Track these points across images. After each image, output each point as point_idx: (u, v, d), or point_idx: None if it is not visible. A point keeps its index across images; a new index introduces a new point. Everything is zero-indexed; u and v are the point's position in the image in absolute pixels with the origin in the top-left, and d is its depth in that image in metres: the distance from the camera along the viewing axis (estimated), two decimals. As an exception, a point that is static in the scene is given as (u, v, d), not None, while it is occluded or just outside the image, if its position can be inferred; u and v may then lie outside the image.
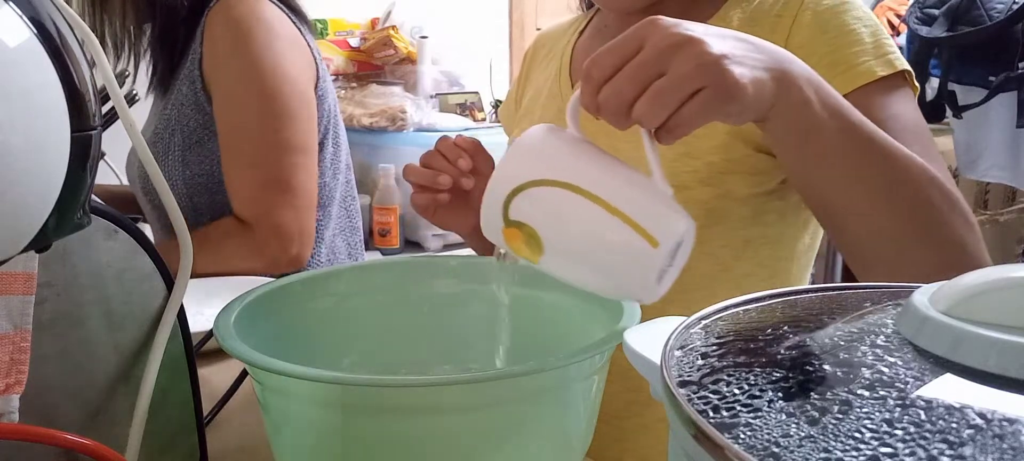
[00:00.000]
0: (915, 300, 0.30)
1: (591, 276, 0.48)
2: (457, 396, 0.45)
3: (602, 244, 0.46)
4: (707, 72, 0.47)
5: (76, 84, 0.35)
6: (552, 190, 0.46)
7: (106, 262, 0.48)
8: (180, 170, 1.13)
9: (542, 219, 0.47)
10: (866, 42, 0.71)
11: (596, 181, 0.46)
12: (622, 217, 0.45)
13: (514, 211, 0.47)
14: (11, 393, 0.42)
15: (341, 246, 1.28)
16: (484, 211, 0.48)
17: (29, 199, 0.34)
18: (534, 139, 0.48)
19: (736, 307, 0.37)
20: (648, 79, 0.47)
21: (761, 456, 0.23)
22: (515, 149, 0.48)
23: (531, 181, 0.46)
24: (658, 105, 0.47)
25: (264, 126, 1.09)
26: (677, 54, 0.47)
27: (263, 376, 0.48)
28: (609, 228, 0.45)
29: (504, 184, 0.47)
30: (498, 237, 0.49)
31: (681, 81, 0.47)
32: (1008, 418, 0.23)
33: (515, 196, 0.46)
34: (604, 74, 0.48)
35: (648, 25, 0.49)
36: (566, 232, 0.47)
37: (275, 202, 1.09)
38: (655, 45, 0.47)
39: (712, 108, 0.49)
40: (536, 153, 0.48)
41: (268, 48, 1.09)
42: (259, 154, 1.09)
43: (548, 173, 0.46)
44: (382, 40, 2.20)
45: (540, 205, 0.46)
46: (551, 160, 0.47)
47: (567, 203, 0.46)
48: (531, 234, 0.47)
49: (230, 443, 0.64)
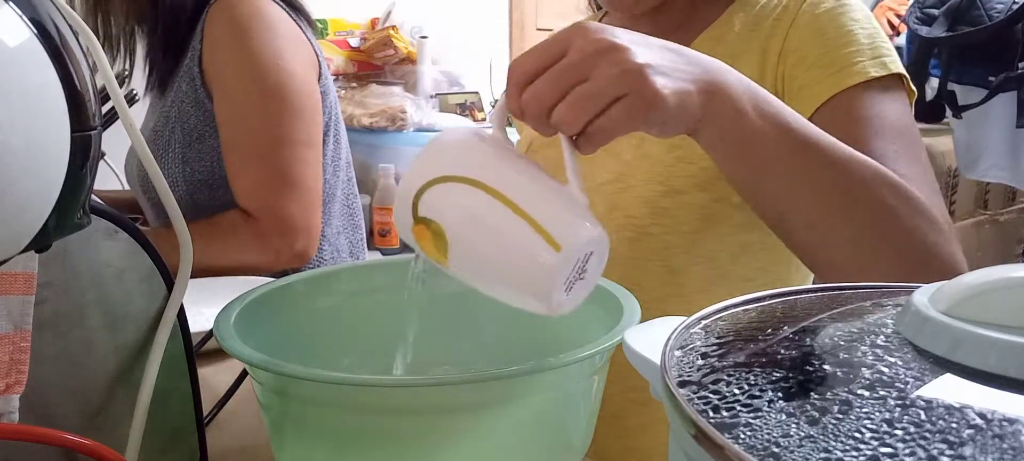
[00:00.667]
0: (915, 300, 0.30)
1: (495, 280, 0.47)
2: (457, 396, 0.45)
3: (504, 244, 0.45)
4: (628, 80, 0.47)
5: (76, 84, 0.35)
6: (459, 186, 0.45)
7: (106, 262, 0.48)
8: (180, 168, 1.13)
9: (448, 216, 0.46)
10: (862, 44, 0.71)
11: (504, 181, 0.45)
12: (526, 218, 0.44)
13: (422, 207, 0.46)
14: (11, 393, 0.42)
15: (344, 244, 1.28)
16: (396, 206, 0.48)
17: (29, 199, 0.34)
18: (451, 137, 0.48)
19: (736, 307, 0.37)
20: (569, 84, 0.47)
21: (761, 456, 0.23)
22: (430, 145, 0.47)
23: (440, 177, 0.45)
24: (577, 110, 0.47)
25: (267, 121, 1.09)
26: (600, 61, 0.47)
27: (263, 376, 0.48)
28: (512, 228, 0.44)
29: (415, 179, 0.46)
30: (408, 234, 0.48)
31: (601, 88, 0.47)
32: (1008, 418, 0.23)
33: (424, 191, 0.46)
34: (526, 77, 0.48)
35: (574, 29, 0.48)
36: (470, 231, 0.46)
37: (280, 196, 1.10)
38: (579, 50, 0.47)
39: (632, 117, 0.48)
40: (450, 150, 0.47)
41: (269, 44, 1.09)
42: (263, 149, 1.10)
43: (456, 169, 0.45)
44: (382, 40, 2.20)
45: (447, 202, 0.46)
46: (463, 158, 0.46)
47: (473, 200, 0.45)
48: (438, 232, 0.46)
49: (230, 443, 0.64)
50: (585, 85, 0.47)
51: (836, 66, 0.69)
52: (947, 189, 2.34)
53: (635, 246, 0.76)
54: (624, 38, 0.48)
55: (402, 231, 0.48)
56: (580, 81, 0.47)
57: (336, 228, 1.26)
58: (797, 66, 0.72)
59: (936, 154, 2.24)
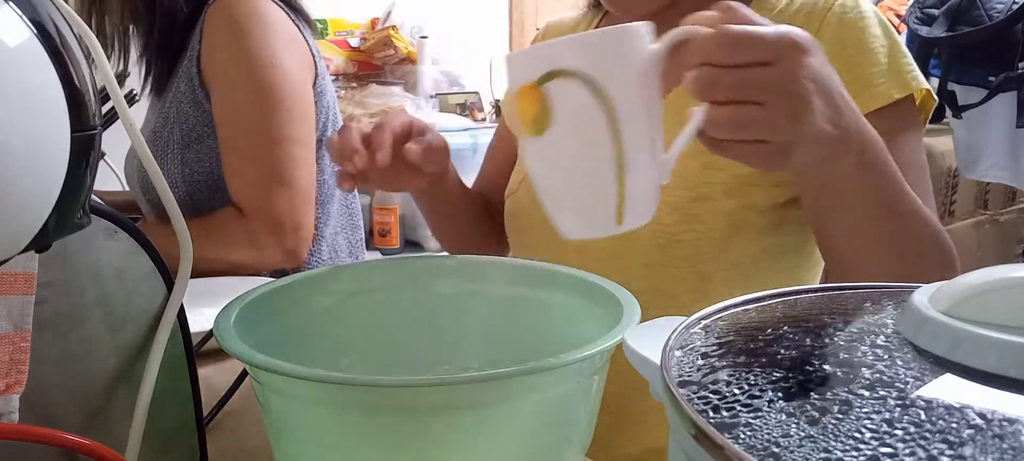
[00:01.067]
0: (915, 300, 0.30)
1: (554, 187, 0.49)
2: (457, 396, 0.45)
3: (586, 179, 0.47)
4: (784, 138, 0.48)
5: (76, 84, 0.35)
6: (596, 104, 0.45)
7: (106, 262, 0.48)
8: (179, 168, 1.13)
9: (566, 113, 0.46)
10: (882, 61, 0.71)
11: (632, 124, 0.46)
12: (620, 179, 0.46)
13: (553, 85, 0.46)
14: (11, 393, 0.42)
15: (342, 244, 1.28)
16: (523, 55, 0.48)
17: (29, 199, 0.34)
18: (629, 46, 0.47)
19: (736, 307, 0.37)
20: (749, 96, 0.47)
21: (761, 456, 0.23)
22: (609, 38, 0.47)
23: (588, 73, 0.45)
24: (737, 128, 0.47)
25: (261, 119, 1.09)
26: (790, 102, 0.47)
27: (263, 376, 0.48)
28: (603, 174, 0.46)
29: (569, 57, 0.46)
30: (514, 84, 0.48)
31: (768, 127, 0.47)
32: (1008, 418, 0.23)
33: (566, 76, 0.45)
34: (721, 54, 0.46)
35: (796, 51, 0.47)
36: (571, 144, 0.46)
37: (271, 194, 1.10)
38: (782, 78, 0.47)
39: (759, 162, 0.50)
40: (620, 59, 0.46)
41: (265, 44, 1.10)
42: (255, 147, 1.10)
43: (607, 81, 0.45)
44: (382, 40, 2.20)
45: (575, 102, 0.45)
46: (623, 80, 0.46)
47: (596, 125, 0.45)
48: (545, 114, 0.46)
49: (230, 443, 0.64)
50: (760, 111, 0.47)
51: (857, 85, 0.68)
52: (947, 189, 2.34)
53: (666, 252, 0.77)
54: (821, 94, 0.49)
55: (511, 74, 0.48)
56: (758, 100, 0.47)
57: (334, 228, 1.26)
58: None
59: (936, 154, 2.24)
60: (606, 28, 0.48)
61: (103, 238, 0.47)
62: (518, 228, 0.90)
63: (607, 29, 0.47)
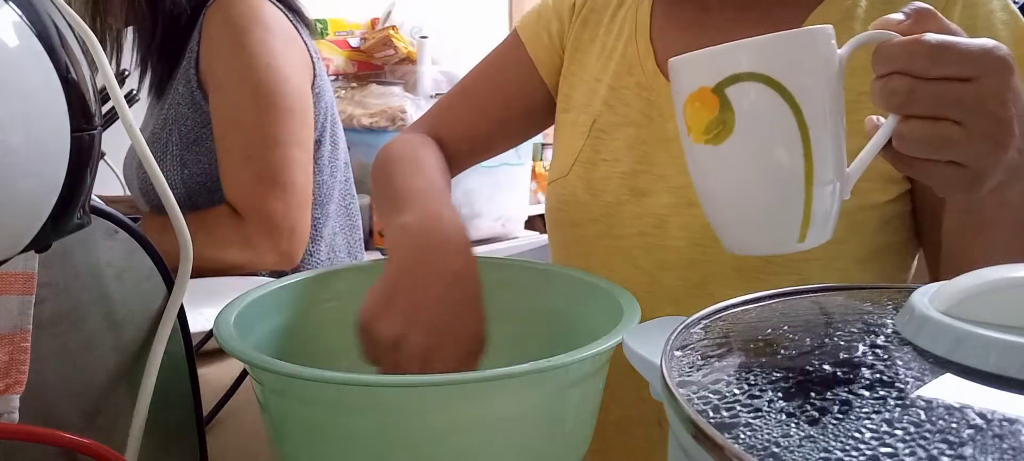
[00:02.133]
0: (915, 300, 0.30)
1: (729, 200, 0.46)
2: (457, 397, 0.45)
3: (772, 193, 0.43)
4: (983, 163, 0.44)
5: (76, 84, 0.35)
6: (786, 109, 0.42)
7: (106, 262, 0.48)
8: (178, 169, 1.13)
9: (752, 120, 0.43)
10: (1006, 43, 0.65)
11: (821, 136, 0.43)
12: (806, 191, 0.43)
13: (735, 89, 0.43)
14: (11, 393, 0.42)
15: (341, 244, 1.28)
16: (697, 57, 0.44)
17: (29, 199, 0.34)
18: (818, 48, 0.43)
19: (736, 307, 0.37)
20: (947, 113, 0.43)
21: (761, 456, 0.23)
22: (798, 40, 0.43)
23: (780, 80, 0.42)
24: (929, 144, 0.43)
25: (258, 120, 1.09)
26: (989, 125, 0.43)
27: (263, 376, 0.48)
28: (791, 187, 0.43)
29: (755, 60, 0.42)
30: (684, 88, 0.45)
31: (962, 149, 0.43)
32: (1008, 418, 0.23)
33: (753, 80, 0.42)
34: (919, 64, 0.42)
35: (1000, 68, 0.43)
36: (758, 152, 0.43)
37: (266, 196, 1.09)
38: (985, 97, 0.43)
39: (943, 184, 0.45)
40: (809, 62, 0.43)
41: (263, 45, 1.10)
42: (252, 148, 1.10)
43: (800, 90, 0.42)
44: (382, 40, 2.20)
45: (763, 108, 0.42)
46: (813, 85, 0.43)
47: (787, 133, 0.42)
48: (727, 123, 0.43)
49: (230, 443, 0.64)
50: (958, 131, 0.43)
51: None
52: None
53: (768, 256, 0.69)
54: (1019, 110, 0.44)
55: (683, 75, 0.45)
56: (956, 119, 0.43)
57: (333, 228, 1.26)
58: None
59: None
60: (793, 31, 0.44)
61: (103, 238, 0.47)
62: (567, 220, 0.80)
63: (794, 32, 0.44)
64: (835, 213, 0.46)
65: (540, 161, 2.49)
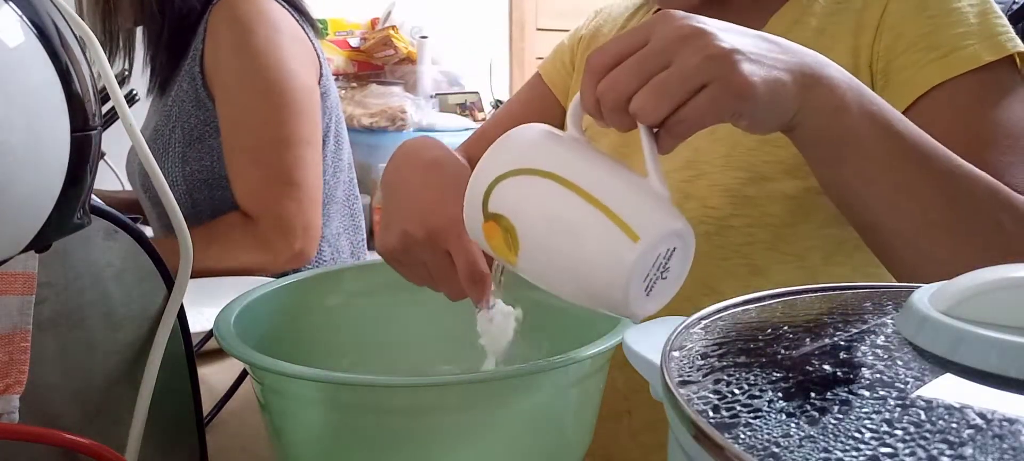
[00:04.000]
0: (915, 300, 0.30)
1: (568, 278, 0.44)
2: (457, 396, 0.45)
3: (579, 236, 0.42)
4: (714, 66, 0.43)
5: (76, 84, 0.35)
6: (532, 179, 0.43)
7: (106, 262, 0.48)
8: (180, 167, 1.13)
9: (520, 209, 0.43)
10: (971, 21, 0.62)
11: (579, 172, 0.43)
12: (601, 208, 0.41)
13: (493, 202, 0.44)
14: (11, 393, 0.42)
15: (344, 245, 1.29)
16: (466, 206, 0.46)
17: (29, 199, 0.34)
18: (523, 132, 0.46)
19: (736, 307, 0.37)
20: (650, 72, 0.43)
21: (761, 456, 0.23)
22: (502, 140, 0.45)
23: (512, 169, 0.44)
24: (658, 97, 0.43)
25: (267, 120, 1.09)
26: (683, 47, 0.43)
27: (263, 376, 0.48)
28: (587, 219, 0.42)
29: (485, 174, 0.44)
30: (478, 233, 0.46)
31: (685, 74, 0.43)
32: (1008, 418, 0.23)
33: (495, 186, 0.44)
34: (604, 68, 0.44)
35: (659, 17, 0.45)
36: (543, 223, 0.43)
37: (279, 196, 1.10)
38: (661, 37, 0.44)
39: (719, 106, 0.44)
40: (522, 144, 0.45)
41: (271, 43, 1.10)
42: (262, 149, 1.10)
43: (529, 163, 0.43)
44: (382, 40, 2.20)
45: (519, 195, 0.43)
46: (536, 151, 0.44)
47: (547, 192, 0.43)
48: (508, 228, 0.44)
49: (230, 443, 0.64)
50: (667, 71, 0.43)
51: (941, 49, 0.61)
52: None
53: (713, 241, 0.69)
54: (712, 25, 0.45)
55: (472, 232, 0.47)
56: (663, 68, 0.43)
57: (336, 229, 1.26)
58: (895, 44, 0.64)
59: None
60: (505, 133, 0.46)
61: (103, 238, 0.47)
62: None
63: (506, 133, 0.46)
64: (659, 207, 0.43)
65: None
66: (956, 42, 0.62)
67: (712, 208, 0.69)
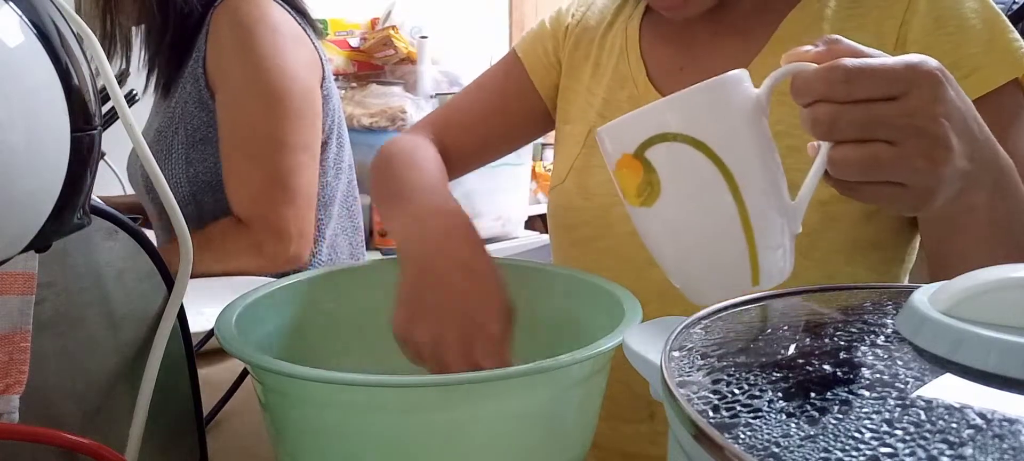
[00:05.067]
0: (915, 300, 0.30)
1: (676, 254, 0.45)
2: (455, 397, 0.45)
3: (714, 241, 0.43)
4: (926, 181, 0.43)
5: (76, 84, 0.35)
6: (707, 162, 0.42)
7: (106, 262, 0.48)
8: (183, 168, 1.13)
9: (677, 177, 0.43)
10: (983, 38, 0.64)
11: (750, 180, 0.42)
12: (748, 232, 0.42)
13: (655, 151, 0.43)
14: (11, 393, 0.42)
15: (343, 245, 1.29)
16: (615, 126, 0.44)
17: (29, 199, 0.34)
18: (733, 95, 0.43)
19: (736, 307, 0.37)
20: (873, 134, 0.42)
21: (761, 456, 0.23)
22: (705, 93, 0.43)
23: (696, 138, 0.42)
24: (862, 168, 0.42)
25: (267, 124, 1.09)
26: (922, 142, 0.42)
27: (265, 376, 0.48)
28: (731, 233, 0.42)
29: (665, 117, 0.42)
30: (611, 155, 0.45)
31: (901, 169, 0.42)
32: (1008, 418, 0.23)
33: (669, 140, 0.42)
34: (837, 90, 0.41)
35: (930, 79, 0.42)
36: (689, 210, 0.43)
37: (274, 200, 1.10)
38: (912, 114, 0.42)
39: (893, 205, 0.44)
40: (720, 113, 0.43)
41: (273, 47, 1.10)
42: (260, 152, 1.10)
43: (714, 141, 0.42)
44: (382, 40, 2.19)
45: (685, 164, 0.42)
46: (725, 128, 0.43)
47: (711, 183, 0.42)
48: (653, 182, 0.43)
49: (230, 443, 0.64)
50: (891, 151, 0.42)
51: (960, 70, 0.62)
52: None
53: None
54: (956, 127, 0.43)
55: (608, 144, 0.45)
56: (888, 139, 0.42)
57: (335, 229, 1.26)
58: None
59: None
60: (702, 83, 0.43)
61: (103, 238, 0.47)
62: (565, 223, 0.83)
63: (703, 84, 0.43)
64: (788, 247, 0.45)
65: (540, 161, 2.49)
66: (973, 63, 0.63)
67: None
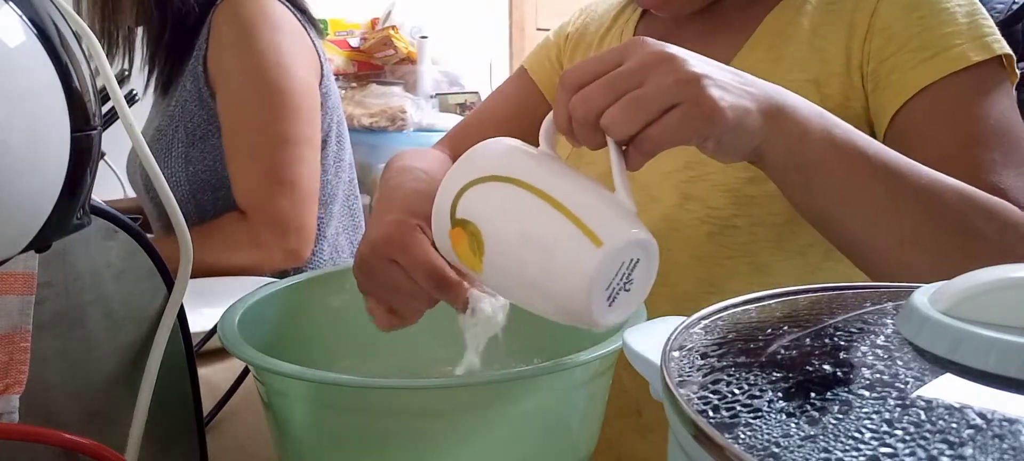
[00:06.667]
0: (915, 300, 0.30)
1: (531, 285, 0.44)
2: (459, 398, 0.45)
3: (542, 240, 0.42)
4: (685, 88, 0.46)
5: (76, 84, 0.35)
6: (499, 185, 0.44)
7: (106, 262, 0.48)
8: (183, 167, 1.14)
9: (485, 214, 0.44)
10: (960, 22, 0.64)
11: (546, 180, 0.44)
12: (567, 213, 0.42)
13: (461, 208, 0.45)
14: (11, 393, 0.42)
15: (344, 244, 1.29)
16: (434, 215, 0.47)
17: (29, 199, 0.34)
18: (493, 144, 0.47)
19: (736, 307, 0.37)
20: (623, 90, 0.45)
21: (761, 456, 0.23)
22: (472, 152, 0.46)
23: (480, 177, 0.45)
24: (628, 113, 0.45)
25: (266, 119, 1.10)
26: (655, 69, 0.46)
27: (267, 377, 0.48)
28: (551, 223, 0.42)
29: (454, 182, 0.45)
30: (445, 242, 0.47)
31: (656, 93, 0.45)
32: (1008, 418, 0.23)
33: (464, 192, 0.45)
34: (579, 83, 0.46)
35: (633, 42, 0.47)
36: (508, 227, 0.44)
37: (272, 194, 1.10)
38: (636, 58, 0.46)
39: (687, 126, 0.46)
40: (492, 154, 0.46)
41: (272, 43, 1.10)
42: (260, 146, 1.10)
43: (497, 170, 0.44)
44: (382, 40, 2.20)
45: (486, 199, 0.44)
46: (505, 160, 0.45)
47: (512, 197, 0.44)
48: (474, 233, 0.44)
49: (230, 443, 0.64)
50: (638, 90, 0.45)
51: (930, 49, 0.63)
52: None
53: (716, 240, 0.70)
54: (683, 52, 0.47)
55: (439, 241, 0.47)
56: (635, 87, 0.45)
57: (336, 228, 1.27)
58: (886, 46, 0.66)
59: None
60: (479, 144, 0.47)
61: (103, 238, 0.47)
62: None
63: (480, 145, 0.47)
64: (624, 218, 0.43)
65: (540, 161, 2.48)
66: (945, 42, 0.64)
67: (714, 208, 0.70)
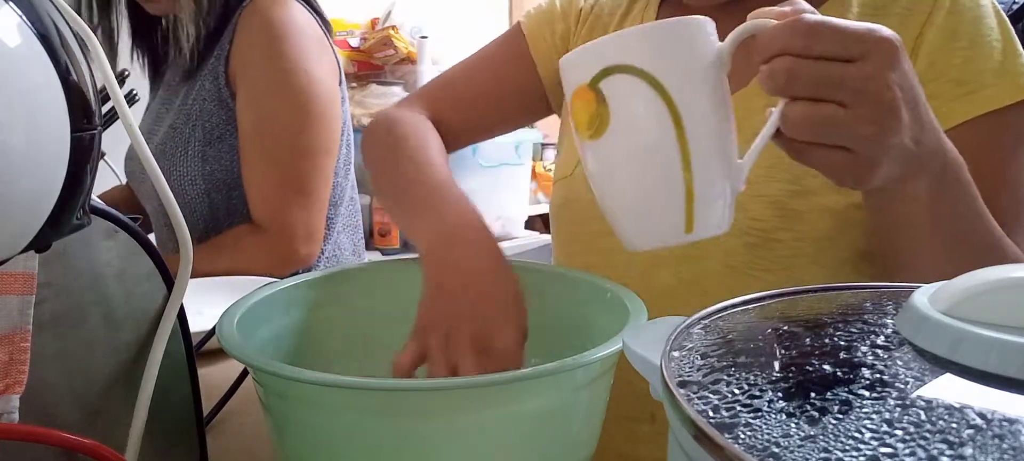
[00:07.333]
0: (915, 300, 0.30)
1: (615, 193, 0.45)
2: (455, 400, 0.45)
3: (651, 183, 0.43)
4: (870, 149, 0.44)
5: (76, 84, 0.35)
6: (658, 102, 0.42)
7: (106, 262, 0.48)
8: (199, 165, 1.13)
9: (624, 113, 0.43)
10: (995, 58, 0.64)
11: (696, 122, 0.42)
12: (686, 178, 0.42)
13: (609, 83, 0.43)
14: (11, 393, 0.42)
15: (345, 243, 1.29)
16: (576, 54, 0.44)
17: (29, 199, 0.34)
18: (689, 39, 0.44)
19: (736, 307, 0.37)
20: (831, 94, 0.42)
21: (761, 456, 0.23)
22: (666, 31, 0.43)
23: (648, 72, 0.42)
24: (813, 125, 0.43)
25: (290, 128, 1.10)
26: (875, 108, 0.43)
27: (266, 379, 0.48)
28: (671, 175, 0.42)
29: (623, 52, 0.43)
30: (569, 86, 0.45)
31: (848, 133, 0.43)
32: (1008, 418, 0.23)
33: (623, 72, 0.42)
34: (815, 48, 0.42)
35: (883, 49, 0.43)
36: (631, 141, 0.43)
37: (289, 204, 1.11)
38: (867, 78, 0.43)
39: (840, 177, 0.45)
40: (679, 52, 0.43)
41: (301, 51, 1.10)
42: (281, 154, 1.10)
43: (669, 79, 0.42)
44: (382, 40, 2.19)
45: (636, 100, 0.42)
46: (682, 69, 0.43)
47: (655, 121, 0.42)
48: (603, 116, 0.43)
49: (230, 443, 0.64)
50: (843, 113, 0.42)
51: (967, 86, 0.63)
52: None
53: (756, 253, 0.68)
54: (908, 99, 0.44)
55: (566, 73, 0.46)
56: (841, 100, 0.42)
57: (339, 227, 1.27)
58: (928, 71, 0.65)
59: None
60: (662, 21, 0.43)
61: (103, 238, 0.47)
62: (570, 217, 0.81)
63: (663, 21, 0.44)
64: (726, 205, 0.45)
65: (540, 161, 2.49)
66: (982, 81, 0.64)
67: (756, 219, 0.68)
